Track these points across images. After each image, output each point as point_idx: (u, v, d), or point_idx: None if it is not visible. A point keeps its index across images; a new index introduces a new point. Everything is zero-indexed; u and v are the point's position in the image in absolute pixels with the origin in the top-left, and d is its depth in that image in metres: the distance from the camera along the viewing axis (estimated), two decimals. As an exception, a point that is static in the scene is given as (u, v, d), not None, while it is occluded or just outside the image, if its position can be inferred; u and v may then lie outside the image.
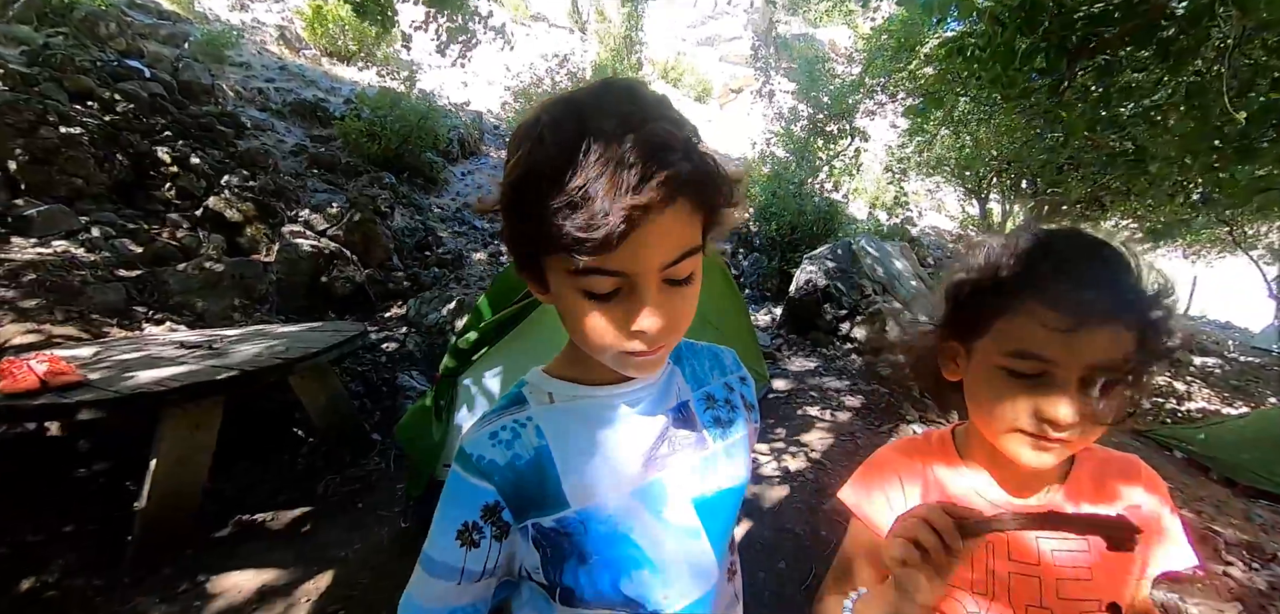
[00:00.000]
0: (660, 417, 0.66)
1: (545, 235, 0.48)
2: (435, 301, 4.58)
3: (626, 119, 0.47)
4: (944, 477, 0.75)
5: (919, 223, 9.79)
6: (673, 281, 0.53)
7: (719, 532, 0.68)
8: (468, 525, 0.59)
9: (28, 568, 2.05)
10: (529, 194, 0.49)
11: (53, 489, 2.46)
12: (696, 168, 0.50)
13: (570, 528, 0.60)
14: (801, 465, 3.04)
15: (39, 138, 4.33)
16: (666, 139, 0.48)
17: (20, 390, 1.99)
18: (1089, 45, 2.59)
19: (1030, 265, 0.61)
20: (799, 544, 2.43)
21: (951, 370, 0.72)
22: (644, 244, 0.48)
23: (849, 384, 4.14)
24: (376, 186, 6.77)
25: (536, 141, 0.49)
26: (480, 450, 0.61)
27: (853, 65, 8.51)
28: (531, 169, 0.49)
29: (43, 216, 3.97)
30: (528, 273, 0.57)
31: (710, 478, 0.68)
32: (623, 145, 0.46)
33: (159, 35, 7.99)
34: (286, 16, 10.97)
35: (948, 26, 3.88)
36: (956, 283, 0.69)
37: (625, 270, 0.50)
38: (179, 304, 3.86)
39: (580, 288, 0.52)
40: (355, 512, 2.58)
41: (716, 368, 0.78)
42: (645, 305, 0.51)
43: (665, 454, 0.65)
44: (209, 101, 6.88)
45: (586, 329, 0.54)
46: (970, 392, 0.68)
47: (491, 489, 0.59)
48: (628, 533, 0.62)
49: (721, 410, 0.73)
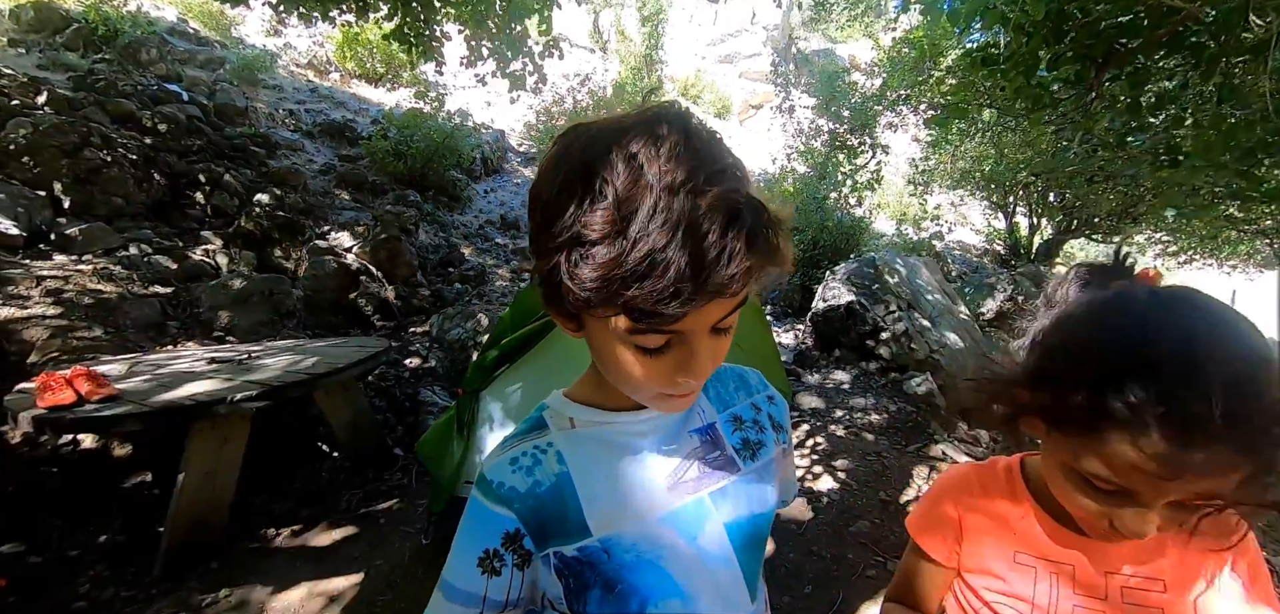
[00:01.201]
0: (682, 438, 0.65)
1: (600, 301, 0.43)
2: (458, 318, 4.62)
3: (693, 174, 0.42)
4: (1008, 511, 0.72)
5: (945, 237, 9.61)
6: (719, 331, 0.52)
7: (751, 559, 0.65)
8: (489, 553, 0.57)
9: (61, 578, 2.10)
10: (582, 257, 0.43)
11: (91, 501, 2.52)
12: (768, 240, 0.46)
13: (593, 557, 0.58)
14: (828, 486, 2.97)
15: (82, 159, 4.51)
16: (742, 206, 0.43)
17: (59, 404, 2.05)
18: (1116, 53, 2.52)
19: (1125, 396, 0.49)
20: (825, 569, 2.36)
21: (1030, 425, 0.64)
22: (707, 311, 0.47)
23: (875, 402, 4.05)
24: (402, 204, 6.90)
25: (586, 187, 0.43)
26: (500, 477, 0.59)
27: (873, 79, 8.44)
28: (585, 222, 0.43)
29: (84, 234, 4.12)
30: (558, 312, 0.52)
31: (742, 503, 0.65)
32: (696, 211, 0.41)
33: (197, 60, 8.31)
34: (318, 40, 11.31)
35: (970, 37, 3.83)
36: (1031, 367, 0.61)
37: (684, 331, 0.48)
38: (209, 319, 3.95)
39: (628, 342, 0.49)
40: (377, 527, 2.59)
41: (742, 389, 0.75)
42: (695, 359, 0.50)
43: (694, 478, 0.63)
44: (243, 123, 7.11)
45: (627, 376, 0.52)
46: (1046, 466, 0.63)
47: (512, 516, 0.58)
48: (656, 560, 0.59)
49: (750, 431, 0.71)
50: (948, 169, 9.52)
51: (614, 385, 0.58)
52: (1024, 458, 0.76)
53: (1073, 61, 2.54)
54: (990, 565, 0.72)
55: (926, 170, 9.46)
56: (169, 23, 8.97)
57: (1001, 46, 2.90)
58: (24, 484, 2.47)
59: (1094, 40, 2.47)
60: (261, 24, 10.99)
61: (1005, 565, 0.71)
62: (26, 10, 7.25)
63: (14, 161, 4.28)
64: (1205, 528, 0.53)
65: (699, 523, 0.62)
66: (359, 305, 4.86)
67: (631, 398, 0.58)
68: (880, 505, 2.78)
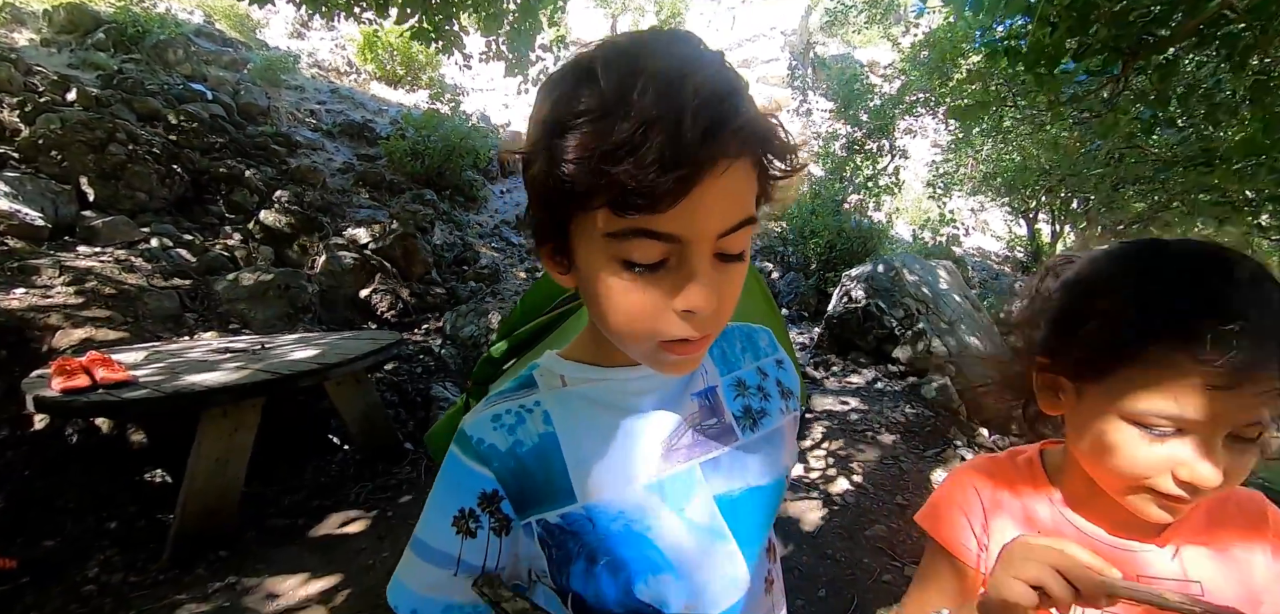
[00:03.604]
0: (684, 401, 0.60)
1: (585, 186, 0.41)
2: (471, 315, 4.62)
3: (686, 61, 0.41)
4: (1031, 504, 0.65)
5: (964, 242, 9.44)
6: (725, 256, 0.46)
7: (749, 535, 0.60)
8: (463, 512, 0.53)
9: (73, 562, 2.11)
10: (568, 135, 0.42)
11: (107, 487, 2.55)
12: (762, 121, 0.44)
13: (577, 525, 0.54)
14: (843, 489, 2.90)
15: (108, 154, 4.60)
16: (733, 85, 0.42)
17: (73, 388, 2.06)
18: (1146, 45, 2.43)
19: (1171, 302, 0.49)
20: (839, 572, 2.29)
21: (1051, 402, 0.61)
22: (703, 204, 0.41)
23: (892, 406, 3.96)
24: (419, 203, 6.95)
25: (582, 76, 0.42)
26: (480, 433, 0.55)
27: (892, 83, 8.33)
28: (574, 106, 0.42)
29: (107, 227, 4.20)
30: (549, 247, 0.50)
31: (737, 475, 0.60)
32: (684, 89, 0.40)
33: (222, 61, 8.48)
34: (340, 43, 11.49)
35: (993, 33, 3.74)
36: (1062, 309, 0.58)
37: (679, 234, 0.43)
38: (227, 312, 3.99)
39: (618, 256, 0.44)
40: (385, 520, 2.57)
41: (749, 350, 0.69)
42: (696, 278, 0.44)
43: (686, 444, 0.58)
44: (265, 122, 7.22)
45: (621, 309, 0.46)
46: (1080, 432, 0.57)
47: (490, 476, 0.54)
48: (644, 532, 0.54)
49: (753, 398, 0.65)
50: (968, 173, 9.34)
51: (608, 335, 0.52)
52: (1043, 448, 0.69)
53: (1100, 52, 2.45)
54: None
55: (946, 174, 9.30)
56: (196, 24, 9.17)
57: (1022, 37, 2.82)
58: (41, 468, 2.50)
59: (1122, 30, 2.38)
60: (286, 26, 11.21)
61: None
62: (60, 12, 7.46)
63: (42, 156, 4.38)
64: (1248, 464, 0.50)
65: (687, 494, 0.57)
66: (374, 301, 4.89)
67: (630, 354, 0.52)
68: (897, 510, 2.71)
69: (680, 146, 0.39)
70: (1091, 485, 0.59)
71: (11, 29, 7.25)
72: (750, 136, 0.43)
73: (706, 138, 0.39)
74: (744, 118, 0.42)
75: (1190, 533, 0.59)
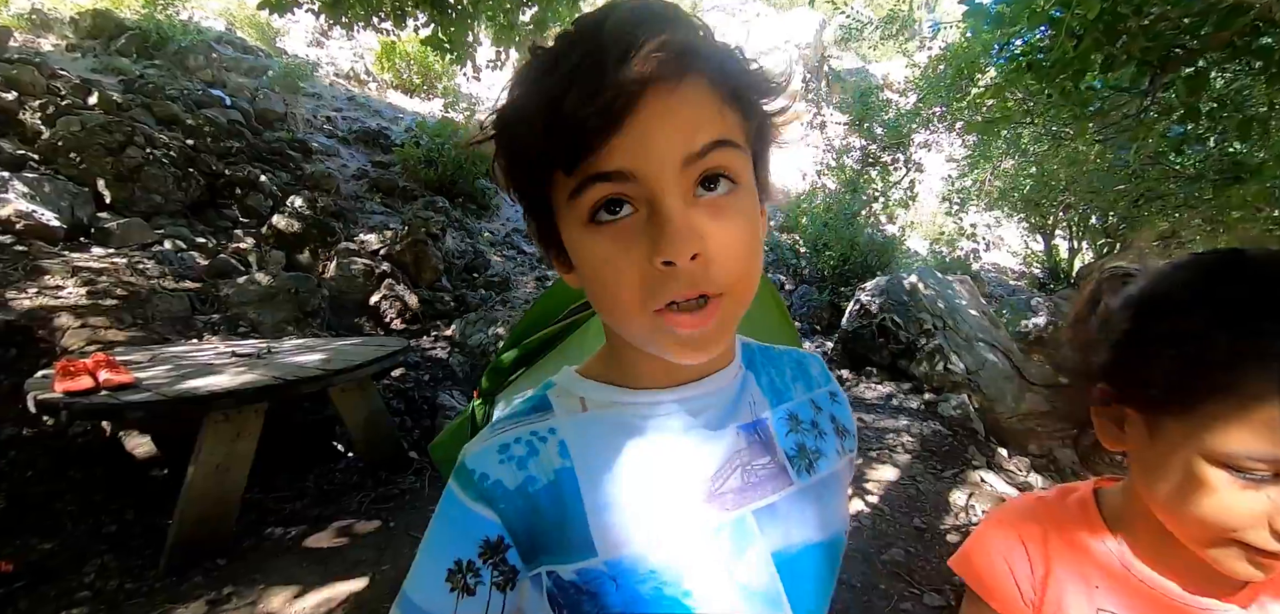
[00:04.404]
0: (729, 434, 0.50)
1: (532, 152, 0.40)
2: (480, 323, 4.59)
3: (619, 7, 0.39)
4: (1089, 548, 0.57)
5: (981, 257, 9.28)
6: (708, 183, 0.39)
7: (809, 604, 0.49)
8: (460, 565, 0.44)
9: (69, 566, 2.08)
10: (512, 111, 0.42)
11: (108, 491, 2.52)
12: (711, 42, 0.41)
13: (596, 585, 0.44)
14: (858, 509, 2.80)
15: (125, 157, 4.64)
16: (659, 11, 0.39)
17: (75, 390, 2.04)
18: (1176, 57, 2.34)
19: (1267, 325, 0.43)
20: (856, 600, 2.20)
21: (1113, 437, 0.54)
22: (649, 131, 0.37)
23: (908, 424, 3.85)
24: (430, 210, 6.96)
25: (530, 57, 0.42)
26: (484, 467, 0.46)
27: (908, 97, 8.24)
28: (515, 88, 0.42)
29: (122, 229, 4.22)
30: (553, 251, 0.47)
31: (795, 527, 0.50)
32: (605, 23, 0.37)
33: (242, 68, 8.59)
34: (358, 52, 11.63)
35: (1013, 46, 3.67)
36: (1131, 332, 0.51)
37: (629, 169, 0.37)
38: (236, 315, 3.99)
39: (583, 217, 0.40)
40: (386, 531, 2.52)
41: (801, 379, 0.59)
42: (666, 221, 0.37)
43: (735, 488, 0.48)
44: (281, 128, 7.29)
45: (605, 278, 0.41)
46: (1153, 474, 0.50)
47: (495, 520, 0.45)
48: (681, 598, 0.44)
49: (807, 435, 0.55)
50: (984, 188, 9.20)
51: (608, 322, 0.46)
52: (1097, 486, 0.61)
53: (1128, 64, 2.37)
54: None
55: (962, 189, 9.16)
56: (218, 32, 9.32)
57: (1047, 51, 2.74)
58: (43, 471, 2.48)
59: (1152, 42, 2.30)
60: (305, 35, 11.37)
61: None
62: (86, 18, 7.61)
63: (62, 157, 4.43)
64: None
65: (739, 550, 0.47)
66: (383, 308, 4.88)
67: (636, 342, 0.45)
68: (915, 533, 2.61)
69: (601, 74, 0.36)
70: (1162, 534, 0.51)
71: (38, 34, 7.41)
72: (686, 53, 0.38)
73: (625, 59, 0.36)
74: (673, 35, 0.38)
75: (1276, 588, 0.51)
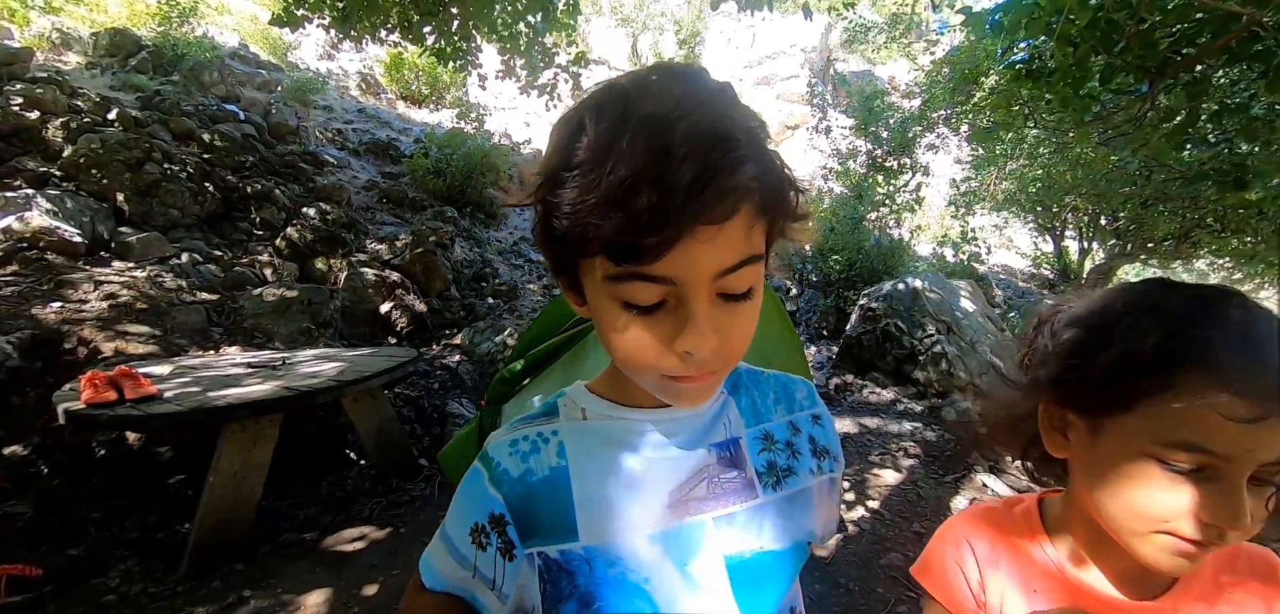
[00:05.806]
0: (701, 451, 0.57)
1: (579, 235, 0.41)
2: (489, 331, 4.67)
3: (680, 102, 0.40)
4: (1028, 558, 0.62)
5: (987, 260, 9.24)
6: (729, 295, 0.44)
7: (756, 603, 0.55)
8: (477, 526, 0.55)
9: (95, 571, 2.16)
10: (562, 188, 0.42)
11: (132, 497, 2.61)
12: (763, 172, 0.42)
13: (573, 565, 0.53)
14: (858, 515, 2.84)
15: (144, 173, 4.78)
16: (728, 129, 0.40)
17: (100, 401, 2.13)
18: (1174, 64, 2.37)
19: (1199, 337, 0.48)
20: (853, 603, 2.24)
21: (1057, 444, 0.59)
22: (697, 251, 0.40)
23: (910, 429, 3.87)
24: (440, 220, 7.07)
25: (575, 127, 0.43)
26: (498, 455, 0.57)
27: (913, 100, 8.25)
28: (567, 158, 0.42)
29: (141, 243, 4.34)
30: (564, 279, 0.50)
31: (752, 535, 0.57)
32: (673, 133, 0.38)
33: (255, 83, 8.77)
34: (367, 64, 11.81)
35: (1014, 53, 3.69)
36: (1075, 341, 0.56)
37: (673, 277, 0.42)
38: (251, 327, 4.09)
39: (618, 297, 0.44)
40: (397, 537, 2.59)
41: (783, 402, 0.65)
42: (693, 321, 0.43)
43: (700, 497, 0.56)
44: (293, 141, 7.44)
45: (623, 345, 0.46)
46: (1092, 474, 0.54)
47: (500, 500, 0.54)
48: (640, 584, 0.52)
49: (779, 454, 0.61)
50: (992, 190, 9.18)
51: (619, 367, 0.52)
52: (1042, 497, 0.66)
53: (1126, 72, 2.40)
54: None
55: (969, 192, 9.14)
56: (231, 47, 9.51)
57: (1047, 59, 2.78)
58: (69, 478, 2.58)
59: (1148, 50, 2.33)
60: (316, 48, 11.56)
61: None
62: (104, 36, 7.81)
63: (83, 174, 4.56)
64: (1265, 509, 0.48)
65: (692, 549, 0.54)
66: (394, 317, 4.97)
67: (639, 384, 0.51)
68: (914, 537, 2.64)
69: (667, 202, 0.38)
70: (1095, 537, 0.57)
71: (60, 53, 7.61)
72: (746, 192, 0.41)
73: (692, 193, 0.38)
74: (738, 172, 0.40)
75: (1198, 593, 0.56)
